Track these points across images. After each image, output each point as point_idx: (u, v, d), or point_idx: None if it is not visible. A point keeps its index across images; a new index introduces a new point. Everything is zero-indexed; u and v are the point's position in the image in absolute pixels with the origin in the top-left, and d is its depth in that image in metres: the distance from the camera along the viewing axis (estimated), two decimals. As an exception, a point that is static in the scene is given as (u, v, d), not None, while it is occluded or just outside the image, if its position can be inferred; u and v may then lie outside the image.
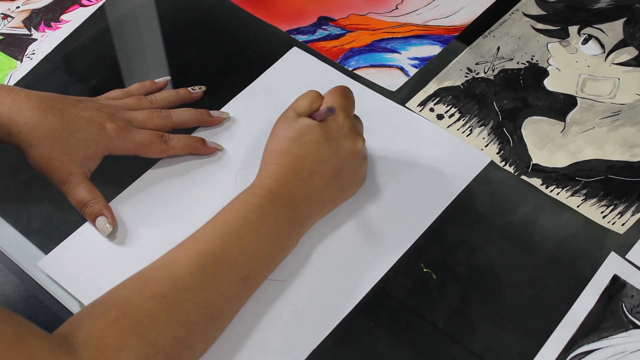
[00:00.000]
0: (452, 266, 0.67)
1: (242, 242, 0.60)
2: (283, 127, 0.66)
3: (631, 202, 0.71)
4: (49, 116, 0.67)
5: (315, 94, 0.67)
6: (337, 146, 0.65)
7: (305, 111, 0.66)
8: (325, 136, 0.64)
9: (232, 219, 0.61)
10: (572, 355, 0.62)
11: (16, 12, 0.88)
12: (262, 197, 0.62)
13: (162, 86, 0.78)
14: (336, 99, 0.66)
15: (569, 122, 0.77)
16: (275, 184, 0.63)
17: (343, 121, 0.65)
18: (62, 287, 0.65)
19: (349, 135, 0.65)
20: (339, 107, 0.66)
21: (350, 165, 0.66)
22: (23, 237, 0.69)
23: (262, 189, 0.63)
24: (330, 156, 0.64)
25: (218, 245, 0.59)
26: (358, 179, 0.68)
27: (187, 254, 0.59)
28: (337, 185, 0.66)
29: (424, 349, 0.63)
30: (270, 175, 0.64)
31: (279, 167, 0.64)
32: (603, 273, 0.66)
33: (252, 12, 0.87)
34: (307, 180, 0.64)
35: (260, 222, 0.61)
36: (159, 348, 0.54)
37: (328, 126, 0.65)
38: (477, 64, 0.81)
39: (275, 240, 0.62)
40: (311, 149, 0.64)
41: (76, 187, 0.68)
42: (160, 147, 0.71)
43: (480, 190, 0.72)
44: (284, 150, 0.64)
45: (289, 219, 0.63)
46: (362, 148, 0.66)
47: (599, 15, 0.85)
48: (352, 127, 0.66)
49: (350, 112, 0.67)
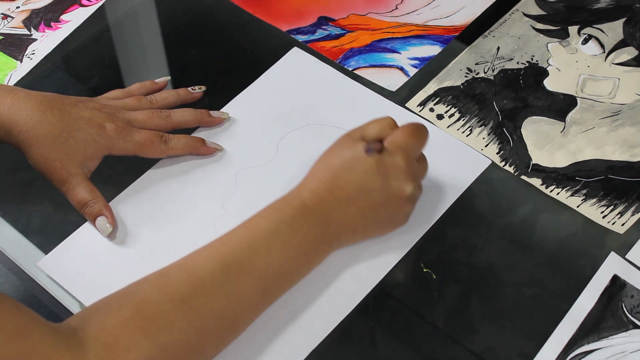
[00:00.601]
0: (452, 266, 0.67)
1: (270, 254, 0.59)
2: (342, 145, 0.64)
3: (631, 202, 0.71)
4: (49, 116, 0.67)
5: (389, 122, 0.65)
6: (384, 183, 0.62)
7: (373, 136, 0.64)
8: (376, 169, 0.62)
9: (264, 227, 0.60)
10: (572, 355, 0.62)
11: (16, 12, 0.88)
12: (296, 210, 0.61)
13: (162, 86, 0.78)
14: (403, 135, 0.64)
15: (569, 122, 0.77)
16: (311, 198, 0.62)
17: (399, 161, 0.63)
18: (62, 287, 0.65)
19: (402, 176, 0.63)
20: (402, 145, 0.63)
21: (392, 205, 0.64)
22: (23, 237, 0.69)
23: (297, 201, 0.62)
24: (374, 190, 0.62)
25: (245, 254, 0.59)
26: (397, 220, 0.66)
27: (212, 258, 0.58)
28: (372, 219, 0.64)
29: (424, 349, 0.63)
30: (309, 189, 0.62)
31: (320, 183, 0.62)
32: (603, 273, 0.66)
33: (252, 12, 0.87)
34: (343, 205, 0.62)
35: (291, 235, 0.60)
36: (169, 352, 0.53)
37: (383, 160, 0.62)
38: (477, 64, 0.81)
39: (302, 255, 0.61)
40: (357, 177, 0.62)
41: (76, 187, 0.68)
42: (160, 147, 0.71)
43: (480, 190, 0.72)
44: (332, 168, 0.63)
45: (318, 236, 0.62)
46: (410, 193, 0.63)
47: (599, 15, 0.85)
48: (407, 170, 0.63)
49: (412, 153, 0.64)
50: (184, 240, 0.68)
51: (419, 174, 0.66)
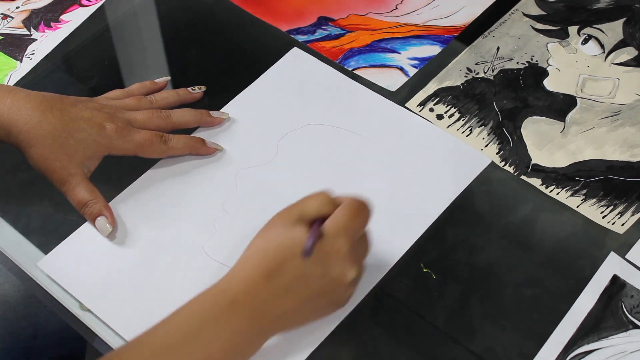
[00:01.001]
0: (452, 266, 0.67)
1: (191, 358, 0.54)
2: (279, 227, 0.58)
3: (631, 202, 0.71)
4: (49, 116, 0.67)
5: (327, 199, 0.59)
6: (324, 270, 0.58)
7: (311, 216, 0.58)
8: (315, 256, 0.57)
9: (185, 329, 0.55)
10: (572, 355, 0.62)
11: (16, 12, 0.88)
12: (224, 308, 0.56)
13: (162, 86, 0.78)
14: (345, 217, 0.58)
15: (569, 122, 0.77)
16: (243, 291, 0.56)
17: (341, 246, 0.58)
18: (62, 287, 0.65)
19: (341, 263, 0.58)
20: (343, 228, 0.58)
21: (331, 292, 0.59)
22: (23, 237, 0.69)
23: (225, 299, 0.56)
24: (313, 278, 0.57)
25: (166, 357, 0.54)
26: (336, 305, 0.62)
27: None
28: (311, 308, 0.60)
29: (424, 349, 0.63)
30: (243, 279, 0.57)
31: (255, 272, 0.57)
32: (603, 273, 0.66)
33: (252, 12, 0.87)
34: (281, 295, 0.57)
35: (215, 337, 0.55)
36: None
37: (323, 246, 0.57)
38: (477, 64, 0.81)
39: (228, 355, 0.56)
40: (295, 265, 0.57)
41: (76, 187, 0.68)
42: (160, 147, 0.71)
43: (479, 190, 0.72)
44: (268, 254, 0.57)
45: (248, 332, 0.57)
46: (351, 279, 0.59)
47: (598, 15, 0.85)
48: (348, 254, 0.58)
49: (354, 236, 0.59)
50: (184, 240, 0.68)
51: (361, 255, 0.61)
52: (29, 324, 0.80)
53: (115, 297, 0.64)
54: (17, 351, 0.79)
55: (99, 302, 0.64)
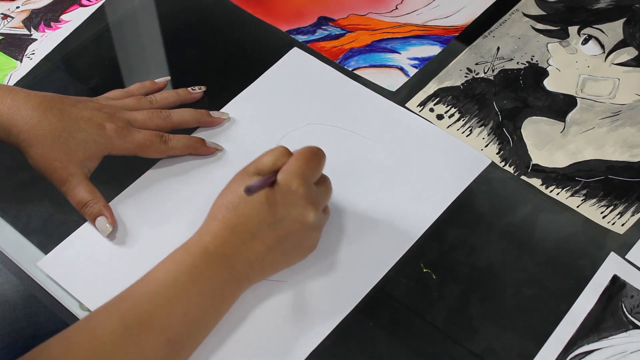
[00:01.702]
0: (452, 266, 0.67)
1: (170, 304, 0.57)
2: (237, 181, 0.62)
3: (631, 202, 0.71)
4: (49, 116, 0.67)
5: (282, 151, 0.63)
6: (283, 212, 0.60)
7: (267, 169, 0.62)
8: (272, 200, 0.60)
9: (163, 279, 0.58)
10: (572, 355, 0.62)
11: (16, 12, 0.88)
12: (196, 257, 0.59)
13: (162, 86, 0.78)
14: (297, 162, 0.62)
15: (569, 122, 0.77)
16: (212, 242, 0.60)
17: (296, 187, 0.60)
18: (61, 287, 0.65)
19: (300, 203, 0.60)
20: (296, 171, 0.61)
21: (296, 234, 0.62)
22: (23, 237, 0.69)
23: (197, 247, 0.60)
24: (275, 221, 0.60)
25: (144, 308, 0.57)
26: (305, 247, 0.64)
27: (111, 316, 0.56)
28: (280, 251, 0.62)
29: (424, 349, 0.63)
30: (210, 231, 0.60)
31: (221, 224, 0.60)
32: (603, 273, 0.66)
33: (252, 12, 0.87)
34: (247, 242, 0.60)
35: (192, 283, 0.58)
36: None
37: (278, 190, 0.60)
38: (477, 64, 0.81)
39: (206, 302, 0.59)
40: (256, 211, 0.60)
41: (76, 187, 0.68)
42: (160, 147, 0.71)
43: (480, 191, 0.72)
44: (230, 206, 0.61)
45: (224, 280, 0.60)
46: (312, 219, 0.61)
47: (598, 15, 0.85)
48: (304, 195, 0.60)
49: (308, 178, 0.61)
50: (184, 240, 0.68)
51: (321, 198, 0.63)
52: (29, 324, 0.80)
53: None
54: (17, 351, 0.79)
55: (99, 302, 0.64)
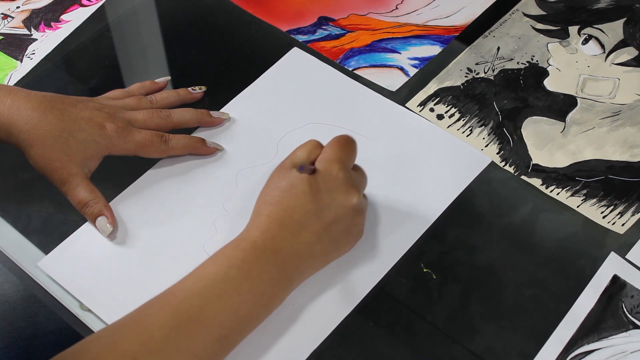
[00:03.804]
0: (452, 266, 0.67)
1: (221, 300, 0.57)
2: (277, 177, 0.63)
3: (631, 202, 0.71)
4: (49, 116, 0.67)
5: (314, 143, 0.64)
6: (328, 199, 0.61)
7: (302, 160, 0.62)
8: (315, 188, 0.61)
9: (213, 274, 0.58)
10: (572, 355, 0.62)
11: (16, 12, 0.88)
12: (246, 252, 0.59)
13: (162, 86, 0.78)
14: (332, 149, 0.63)
15: (569, 122, 0.77)
16: (261, 237, 0.60)
17: (337, 173, 0.61)
18: (62, 287, 0.65)
19: (342, 188, 0.61)
20: (334, 158, 0.62)
21: (343, 219, 0.62)
22: (23, 237, 0.69)
23: (246, 242, 0.60)
24: (321, 209, 0.61)
25: (195, 304, 0.57)
26: (353, 234, 0.65)
27: (162, 311, 0.56)
28: (329, 240, 0.62)
29: (424, 349, 0.63)
30: (257, 227, 0.61)
31: (267, 218, 0.61)
32: (603, 273, 0.66)
33: (252, 12, 0.87)
34: (296, 233, 0.60)
35: (242, 279, 0.58)
36: None
37: (320, 178, 0.61)
38: (477, 64, 0.81)
39: (257, 298, 0.59)
40: (301, 201, 0.61)
41: (76, 187, 0.68)
42: (161, 147, 0.71)
43: (480, 190, 0.72)
44: (274, 201, 0.61)
45: (275, 276, 0.60)
46: (356, 202, 0.62)
47: (599, 15, 0.85)
48: (346, 180, 0.62)
49: (346, 164, 0.63)
50: (184, 241, 0.68)
51: (360, 183, 0.64)
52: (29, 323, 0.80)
53: (115, 297, 0.64)
54: (16, 351, 0.79)
55: (99, 302, 0.64)
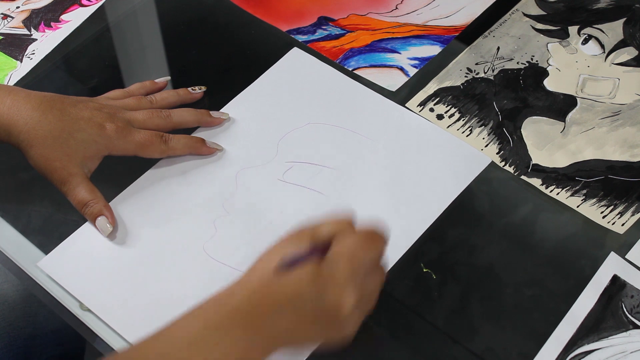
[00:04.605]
0: (452, 266, 0.67)
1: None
2: (288, 244, 0.55)
3: (631, 202, 0.71)
4: (49, 116, 0.67)
5: (345, 224, 0.56)
6: (319, 293, 0.54)
7: (324, 239, 0.55)
8: (311, 277, 0.53)
9: (187, 335, 0.53)
10: (572, 355, 0.62)
11: (16, 12, 0.88)
12: (225, 316, 0.53)
13: (162, 86, 0.78)
14: (351, 245, 0.55)
15: (569, 122, 0.77)
16: (246, 300, 0.53)
17: (343, 271, 0.54)
18: (62, 287, 0.65)
19: (340, 290, 0.54)
20: (349, 255, 0.54)
21: (326, 322, 0.55)
22: (23, 237, 0.69)
23: (228, 305, 0.53)
24: (306, 301, 0.53)
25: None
26: (336, 334, 0.57)
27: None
28: (309, 332, 0.55)
29: (424, 349, 0.63)
30: (247, 287, 0.54)
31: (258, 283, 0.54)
32: (603, 273, 0.66)
33: (252, 12, 0.87)
34: (277, 312, 0.53)
35: (216, 344, 0.52)
36: None
37: (323, 268, 0.54)
38: (477, 64, 0.81)
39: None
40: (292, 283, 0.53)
41: (76, 187, 0.68)
42: (160, 147, 0.71)
43: (480, 190, 0.72)
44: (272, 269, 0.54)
45: (248, 342, 0.53)
46: (350, 310, 0.54)
47: (598, 15, 0.85)
48: (347, 283, 0.54)
49: (360, 265, 0.55)
50: (184, 240, 0.68)
51: (368, 291, 0.56)
52: (28, 323, 0.80)
53: (115, 297, 0.64)
54: (16, 350, 0.79)
55: (99, 302, 0.64)
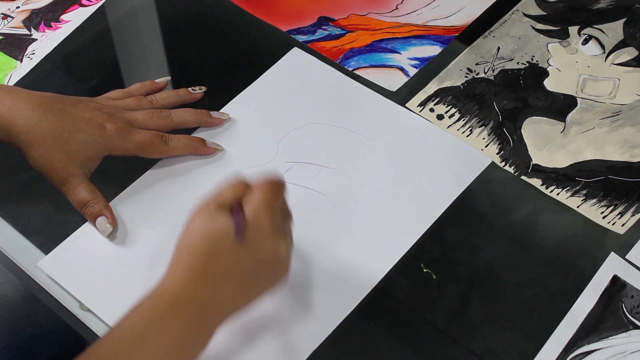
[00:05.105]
0: (452, 266, 0.67)
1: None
2: (199, 221, 0.58)
3: (631, 202, 0.71)
4: (49, 117, 0.67)
5: (241, 185, 0.59)
6: (256, 250, 0.57)
7: (229, 202, 0.58)
8: (244, 240, 0.57)
9: (131, 336, 0.54)
10: (572, 355, 0.62)
11: (16, 12, 0.88)
12: (165, 310, 0.55)
13: (162, 86, 0.78)
14: (262, 195, 0.58)
15: (569, 122, 0.77)
16: (182, 288, 0.55)
17: (265, 224, 0.57)
18: (62, 287, 0.65)
19: (270, 238, 0.57)
20: (263, 205, 0.57)
21: (269, 268, 0.58)
22: (23, 237, 0.69)
23: (165, 298, 0.55)
24: (248, 261, 0.57)
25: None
26: (278, 280, 0.60)
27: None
28: (253, 290, 0.59)
29: (424, 349, 0.63)
30: (179, 277, 0.56)
31: (189, 269, 0.56)
32: (603, 273, 0.66)
33: (252, 12, 0.87)
34: (219, 286, 0.56)
35: (162, 337, 0.54)
36: None
37: (247, 227, 0.57)
38: (477, 64, 0.81)
39: (180, 352, 0.55)
40: (225, 251, 0.56)
41: (76, 188, 0.68)
42: (161, 147, 0.71)
43: (480, 191, 0.72)
44: (196, 248, 0.57)
45: (196, 329, 0.55)
46: (285, 253, 0.58)
47: (599, 15, 0.85)
48: (275, 230, 0.57)
49: (276, 210, 0.58)
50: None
51: (287, 227, 0.61)
52: (28, 323, 0.80)
53: (115, 297, 0.64)
54: (16, 351, 0.79)
55: (99, 302, 0.64)
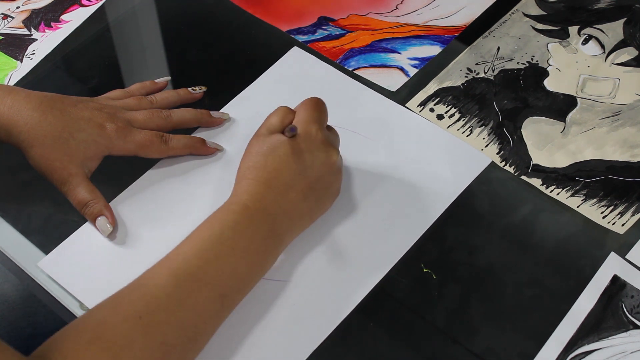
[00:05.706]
0: (452, 266, 0.67)
1: (219, 260, 0.59)
2: (256, 144, 0.65)
3: (631, 202, 0.71)
4: (49, 116, 0.67)
5: (286, 109, 0.66)
6: (310, 158, 0.64)
7: (277, 128, 0.65)
8: (297, 149, 0.64)
9: (208, 237, 0.60)
10: (572, 355, 0.62)
11: (16, 12, 0.88)
12: (238, 214, 0.61)
13: (162, 86, 0.78)
14: (307, 111, 0.66)
15: (569, 122, 0.77)
16: (250, 199, 0.62)
17: (315, 133, 0.64)
18: (62, 287, 0.65)
19: (322, 147, 0.64)
20: (310, 119, 0.65)
21: (325, 177, 0.65)
22: (23, 237, 0.69)
23: (237, 205, 0.62)
24: (305, 169, 0.64)
25: (194, 264, 0.58)
26: (333, 191, 0.67)
27: (162, 273, 0.58)
28: (314, 198, 0.65)
29: (424, 349, 0.63)
30: (245, 190, 0.63)
31: (254, 182, 0.63)
32: (603, 273, 0.66)
33: (252, 12, 0.87)
34: (283, 193, 0.63)
35: (237, 239, 0.60)
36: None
37: (300, 139, 0.64)
38: (477, 64, 0.81)
39: (252, 257, 0.61)
40: (285, 163, 0.63)
41: (76, 188, 0.68)
42: (161, 147, 0.71)
43: (480, 190, 0.72)
44: (258, 165, 0.63)
45: (267, 235, 0.62)
46: (336, 160, 0.65)
47: (599, 15, 0.85)
48: (324, 139, 0.65)
49: (322, 124, 0.66)
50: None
51: (335, 142, 0.68)
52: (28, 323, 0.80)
53: (115, 297, 0.64)
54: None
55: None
